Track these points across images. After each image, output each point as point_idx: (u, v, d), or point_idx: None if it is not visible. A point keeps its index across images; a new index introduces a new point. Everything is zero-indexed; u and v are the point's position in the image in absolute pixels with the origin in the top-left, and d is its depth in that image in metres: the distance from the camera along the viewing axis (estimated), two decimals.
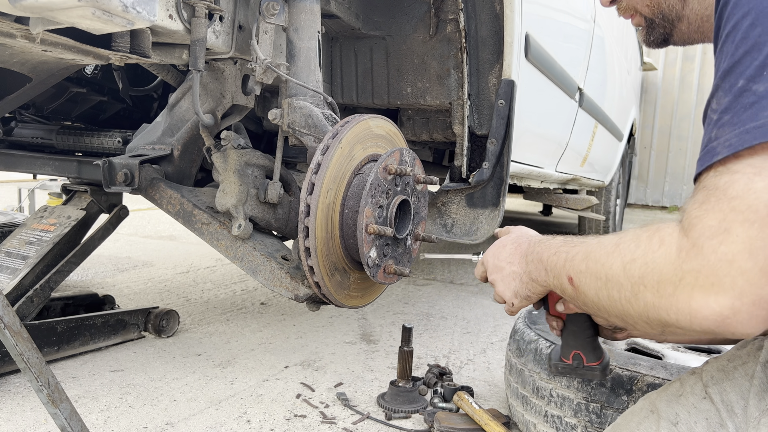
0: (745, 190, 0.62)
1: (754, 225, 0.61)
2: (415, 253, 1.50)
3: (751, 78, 0.65)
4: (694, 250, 0.64)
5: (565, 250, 0.88)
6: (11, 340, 1.23)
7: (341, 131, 1.29)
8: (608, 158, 4.58)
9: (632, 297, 0.72)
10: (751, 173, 0.62)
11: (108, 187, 1.66)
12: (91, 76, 2.37)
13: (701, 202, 0.66)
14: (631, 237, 0.74)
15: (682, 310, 0.66)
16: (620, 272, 0.73)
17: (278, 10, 1.37)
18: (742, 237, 0.61)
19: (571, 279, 0.83)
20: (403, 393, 1.82)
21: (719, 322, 0.63)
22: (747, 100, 0.65)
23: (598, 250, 0.79)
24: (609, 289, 0.76)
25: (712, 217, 0.64)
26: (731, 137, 0.64)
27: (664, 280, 0.67)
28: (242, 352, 2.27)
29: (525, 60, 2.04)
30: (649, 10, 0.98)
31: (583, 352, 1.08)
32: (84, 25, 0.98)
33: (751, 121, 0.63)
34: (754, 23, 0.66)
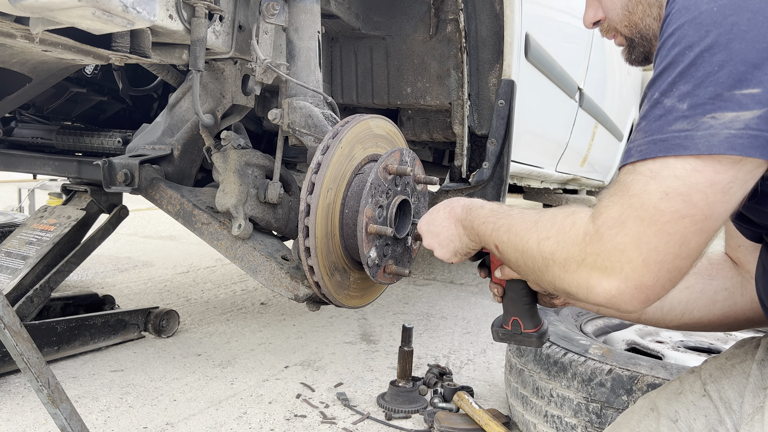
0: (641, 190, 0.71)
1: (644, 222, 0.70)
2: (415, 253, 1.50)
3: (663, 92, 0.73)
4: (597, 236, 0.75)
5: (492, 221, 0.99)
6: (11, 340, 1.23)
7: (341, 131, 1.29)
8: (608, 158, 4.58)
9: (544, 268, 0.83)
10: (649, 176, 0.71)
11: (108, 187, 1.66)
12: (91, 76, 2.37)
13: (611, 195, 0.75)
14: (549, 216, 0.85)
15: (581, 286, 0.77)
16: (535, 247, 0.85)
17: (278, 10, 1.37)
18: (633, 231, 0.71)
19: (497, 246, 0.96)
20: (403, 393, 1.82)
21: (608, 299, 0.74)
22: (657, 111, 0.73)
23: (520, 225, 0.91)
24: (525, 259, 0.88)
25: (614, 209, 0.73)
26: (642, 144, 0.73)
27: (570, 258, 0.78)
28: (242, 352, 2.27)
29: (525, 60, 2.04)
30: (627, 30, 1.03)
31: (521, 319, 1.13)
32: (84, 25, 0.98)
33: (659, 132, 0.72)
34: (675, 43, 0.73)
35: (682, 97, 0.71)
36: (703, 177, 0.68)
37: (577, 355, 1.48)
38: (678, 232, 0.69)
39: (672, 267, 0.71)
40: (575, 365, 1.45)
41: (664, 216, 0.69)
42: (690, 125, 0.69)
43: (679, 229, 0.69)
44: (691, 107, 0.70)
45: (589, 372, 1.42)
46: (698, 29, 0.71)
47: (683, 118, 0.70)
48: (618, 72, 4.13)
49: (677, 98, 0.71)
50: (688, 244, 0.70)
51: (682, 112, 0.70)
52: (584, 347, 1.51)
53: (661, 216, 0.69)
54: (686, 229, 0.69)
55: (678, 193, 0.69)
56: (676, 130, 0.70)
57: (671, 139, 0.70)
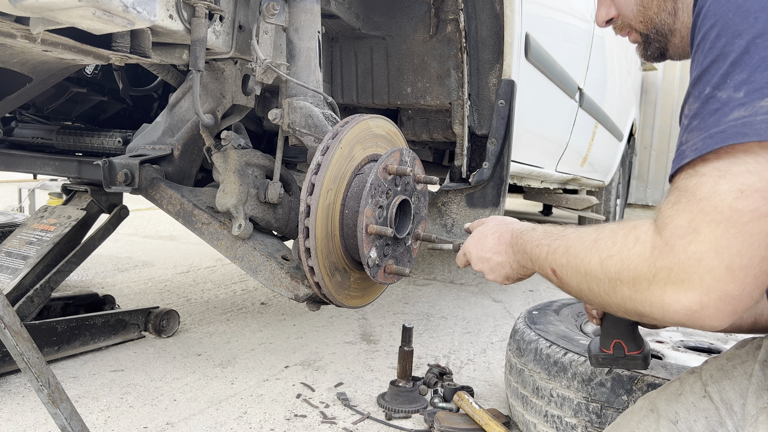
0: (711, 192, 0.66)
1: (720, 225, 0.64)
2: (415, 253, 1.50)
3: (716, 86, 0.69)
4: (667, 249, 0.69)
5: (547, 243, 0.92)
6: (11, 340, 1.23)
7: (341, 131, 1.29)
8: (608, 158, 4.58)
9: (610, 290, 0.76)
10: (716, 176, 0.66)
11: (108, 187, 1.66)
12: (92, 76, 2.37)
13: (673, 203, 0.70)
14: (609, 233, 0.78)
15: (656, 304, 0.70)
16: (598, 268, 0.78)
17: (278, 10, 1.37)
18: (709, 237, 0.65)
19: (554, 271, 0.88)
20: (403, 393, 1.82)
21: (689, 315, 0.68)
22: (712, 106, 0.69)
23: (578, 245, 0.84)
24: (589, 282, 0.80)
25: (682, 217, 0.68)
26: (698, 141, 0.68)
27: (639, 276, 0.72)
28: (242, 352, 2.27)
29: (525, 60, 2.04)
30: (643, 26, 1.02)
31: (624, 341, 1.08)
32: (84, 25, 0.98)
33: (715, 126, 0.67)
34: (719, 34, 0.70)
35: (738, 85, 0.67)
36: None
37: (577, 355, 1.48)
38: (762, 231, 0.64)
39: (759, 272, 0.65)
40: (575, 365, 1.45)
41: (744, 216, 0.64)
42: (748, 111, 0.65)
43: (763, 227, 0.64)
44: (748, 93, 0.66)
45: (589, 372, 1.42)
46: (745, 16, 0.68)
47: (740, 106, 0.66)
48: (618, 72, 4.13)
49: (733, 88, 0.67)
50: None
51: (739, 101, 0.66)
52: (584, 347, 1.51)
53: (741, 216, 0.64)
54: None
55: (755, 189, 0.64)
56: (734, 118, 0.66)
57: (729, 129, 0.66)
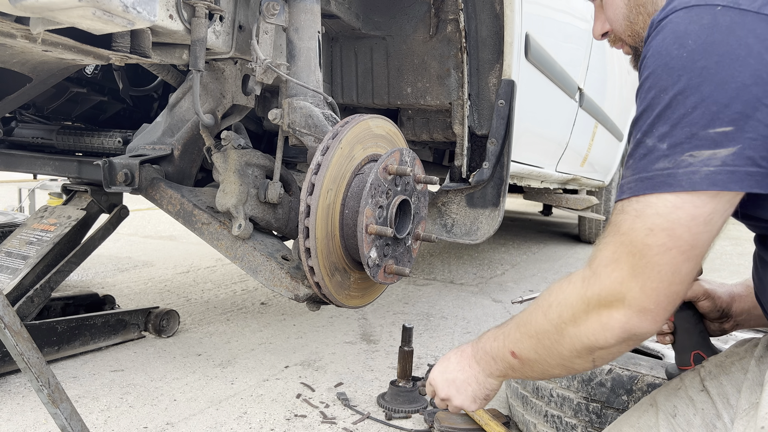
0: (629, 228, 0.77)
1: (635, 256, 0.76)
2: (415, 253, 1.50)
3: (644, 133, 0.78)
4: (594, 277, 0.81)
5: (502, 332, 0.99)
6: (11, 340, 1.23)
7: (341, 131, 1.29)
8: (608, 158, 4.58)
9: (559, 337, 0.85)
10: (634, 215, 0.77)
11: (108, 187, 1.66)
12: (92, 76, 2.37)
13: (604, 236, 0.82)
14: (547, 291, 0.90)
15: (597, 329, 0.81)
16: (544, 321, 0.88)
17: (278, 10, 1.37)
18: (627, 265, 0.77)
19: (513, 353, 0.95)
20: (403, 393, 1.82)
21: (623, 328, 0.79)
22: (641, 151, 0.78)
23: (524, 315, 0.93)
24: (540, 341, 0.89)
25: (608, 249, 0.80)
26: (631, 182, 0.79)
27: (576, 310, 0.83)
28: (242, 352, 2.27)
29: (525, 60, 2.04)
30: (631, 40, 1.07)
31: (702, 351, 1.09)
32: (84, 26, 0.98)
33: (644, 171, 0.77)
34: (650, 86, 0.79)
35: (662, 137, 0.76)
36: (684, 212, 0.74)
37: None
38: (667, 262, 0.75)
39: (669, 292, 0.77)
40: None
41: (652, 249, 0.75)
42: (671, 163, 0.75)
43: (668, 259, 0.75)
44: (671, 146, 0.75)
45: (589, 372, 1.42)
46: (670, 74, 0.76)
47: (664, 157, 0.75)
48: (618, 72, 4.12)
49: (657, 138, 0.76)
50: (680, 271, 0.76)
51: (663, 152, 0.76)
52: None
53: (650, 250, 0.75)
54: (675, 259, 0.75)
55: (662, 228, 0.75)
56: (659, 168, 0.75)
57: (656, 177, 0.76)
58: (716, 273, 4.33)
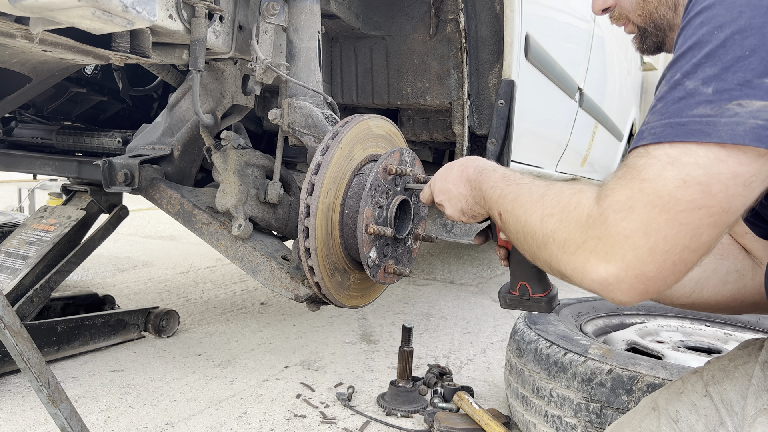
0: (656, 175, 0.66)
1: (655, 209, 0.66)
2: (415, 253, 1.50)
3: (686, 73, 0.68)
4: (600, 220, 0.70)
5: (501, 187, 0.95)
6: (11, 340, 1.23)
7: (341, 131, 1.29)
8: (608, 158, 4.57)
9: (542, 245, 0.79)
10: (666, 162, 0.66)
11: (108, 187, 1.66)
12: (91, 76, 2.37)
13: (619, 177, 0.71)
14: (556, 191, 0.80)
15: (577, 269, 0.73)
16: (537, 222, 0.81)
17: (278, 10, 1.36)
18: (642, 217, 0.66)
19: (500, 214, 0.92)
20: (403, 393, 1.82)
21: (603, 286, 0.70)
22: (677, 93, 0.68)
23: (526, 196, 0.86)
24: (525, 233, 0.84)
25: (622, 193, 0.69)
26: (657, 126, 0.69)
27: (570, 239, 0.74)
28: (242, 352, 2.27)
29: (525, 60, 2.04)
30: (641, 20, 1.00)
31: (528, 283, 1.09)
32: (84, 25, 0.98)
33: (677, 115, 0.67)
34: (703, 22, 0.69)
35: (708, 80, 0.66)
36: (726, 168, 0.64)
37: (577, 355, 1.48)
38: (691, 222, 0.65)
39: (679, 259, 0.67)
40: (575, 365, 1.45)
41: (679, 204, 0.65)
42: (714, 110, 0.65)
43: (693, 219, 0.65)
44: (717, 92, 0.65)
45: (589, 372, 1.42)
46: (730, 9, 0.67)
47: (707, 103, 0.65)
48: (618, 72, 4.12)
49: (701, 81, 0.67)
50: (700, 236, 0.66)
51: (707, 96, 0.66)
52: (584, 347, 1.51)
53: (676, 204, 0.65)
54: (700, 221, 0.65)
55: (698, 182, 0.64)
56: (698, 114, 0.66)
57: (691, 123, 0.66)
58: None
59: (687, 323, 2.00)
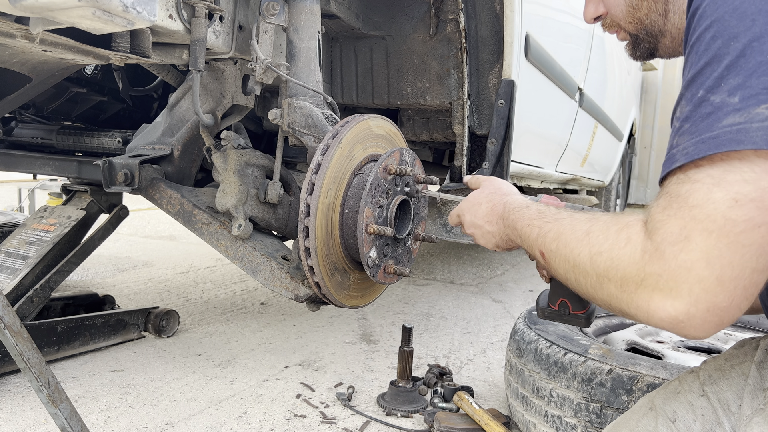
0: (704, 199, 0.64)
1: (712, 235, 0.62)
2: (415, 254, 1.50)
3: (709, 89, 0.67)
4: (657, 254, 0.67)
5: (538, 225, 0.90)
6: (11, 340, 1.23)
7: (341, 131, 1.29)
8: (608, 158, 4.58)
9: (597, 285, 0.75)
10: (711, 184, 0.64)
11: (108, 187, 1.66)
12: (91, 76, 2.37)
13: (664, 207, 0.68)
14: (602, 227, 0.76)
15: (641, 308, 0.69)
16: (587, 262, 0.76)
17: (278, 10, 1.37)
18: (701, 246, 0.63)
19: (543, 254, 0.87)
20: (403, 393, 1.82)
21: (674, 324, 0.66)
22: (704, 110, 0.67)
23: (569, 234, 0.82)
24: (576, 273, 0.79)
25: (674, 223, 0.66)
26: (689, 146, 0.67)
27: (627, 278, 0.70)
28: (242, 352, 2.27)
29: (525, 60, 2.04)
30: (632, 27, 1.00)
31: (569, 300, 1.11)
32: (84, 25, 0.98)
33: (707, 131, 0.65)
34: (715, 36, 0.68)
35: (733, 90, 0.65)
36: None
37: (577, 355, 1.48)
38: (755, 242, 0.62)
39: (749, 283, 0.63)
40: (575, 365, 1.45)
41: (738, 226, 0.62)
42: (743, 117, 0.63)
43: (756, 239, 0.62)
44: (744, 99, 0.63)
45: (589, 372, 1.42)
46: (742, 18, 0.66)
47: (735, 112, 0.64)
48: (618, 72, 4.13)
49: (727, 93, 0.65)
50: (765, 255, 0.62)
51: (734, 106, 0.64)
52: (584, 347, 1.51)
53: (734, 226, 0.62)
54: (763, 239, 0.62)
55: (750, 198, 0.62)
56: (729, 124, 0.64)
57: (723, 134, 0.64)
58: None
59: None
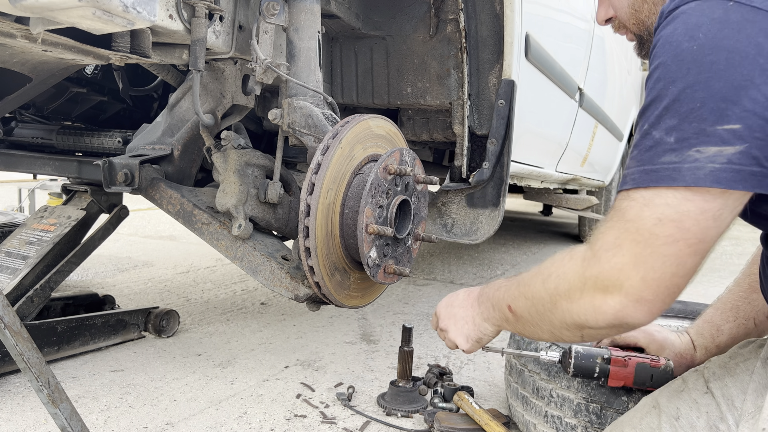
0: (636, 216, 0.77)
1: (640, 244, 0.76)
2: (415, 254, 1.50)
3: (652, 125, 0.78)
4: (594, 259, 0.81)
5: (506, 285, 1.02)
6: (11, 340, 1.23)
7: (341, 131, 1.29)
8: (608, 158, 4.57)
9: (552, 307, 0.87)
10: (642, 204, 0.77)
11: (108, 187, 1.66)
12: (91, 76, 2.37)
13: (607, 220, 0.82)
14: (551, 259, 0.91)
15: (589, 310, 0.82)
16: (541, 288, 0.89)
17: (278, 10, 1.37)
18: (630, 252, 0.77)
19: (510, 306, 0.99)
20: (404, 393, 1.81)
21: (615, 315, 0.79)
22: (648, 142, 0.78)
23: (526, 276, 0.96)
24: (535, 305, 0.91)
25: (611, 234, 0.80)
26: (635, 173, 0.79)
27: (572, 287, 0.83)
28: (242, 352, 2.27)
29: (525, 60, 2.04)
30: (635, 28, 1.08)
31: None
32: (84, 25, 0.98)
33: (649, 163, 0.77)
34: (659, 78, 0.78)
35: (669, 130, 0.76)
36: (694, 205, 0.74)
37: None
38: (673, 254, 0.75)
39: (670, 284, 0.76)
40: None
41: (659, 239, 0.75)
42: (677, 158, 0.74)
43: (674, 251, 0.75)
44: (678, 141, 0.75)
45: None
46: (680, 66, 0.76)
47: (671, 151, 0.75)
48: (618, 72, 4.12)
49: (665, 131, 0.76)
50: (684, 264, 0.75)
51: (670, 145, 0.75)
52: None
53: (656, 239, 0.75)
54: (681, 251, 0.75)
55: (671, 219, 0.74)
56: (665, 162, 0.75)
57: (661, 170, 0.75)
58: (716, 273, 4.33)
59: (687, 323, 1.99)
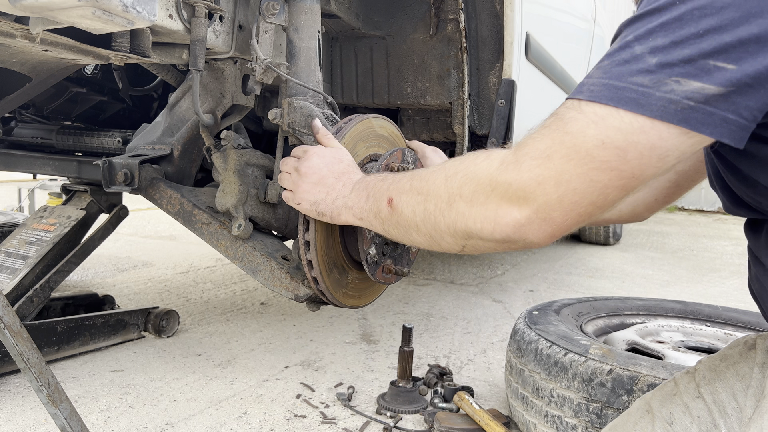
0: (579, 131, 0.68)
1: (572, 161, 0.69)
2: (414, 255, 1.50)
3: (638, 37, 0.68)
4: (514, 165, 0.73)
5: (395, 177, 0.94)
6: (11, 340, 1.23)
7: (344, 128, 1.29)
8: None
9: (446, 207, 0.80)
10: (591, 120, 0.68)
11: (108, 187, 1.66)
12: (91, 76, 2.37)
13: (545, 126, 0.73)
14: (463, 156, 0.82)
15: (489, 218, 0.75)
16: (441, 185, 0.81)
17: (278, 10, 1.36)
18: (557, 167, 0.69)
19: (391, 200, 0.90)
20: (404, 393, 1.81)
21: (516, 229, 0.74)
22: (623, 55, 0.68)
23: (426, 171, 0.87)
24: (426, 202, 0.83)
25: (543, 142, 0.71)
26: (596, 84, 0.69)
27: (478, 190, 0.76)
28: (242, 352, 2.27)
29: (525, 60, 2.04)
30: None
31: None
32: (84, 25, 0.98)
33: (617, 78, 0.67)
34: None
35: (655, 50, 0.66)
36: (646, 139, 0.66)
37: (577, 355, 1.48)
38: (601, 181, 0.69)
39: (584, 212, 0.71)
40: (576, 365, 1.45)
41: (594, 162, 0.68)
42: (651, 82, 0.65)
43: (604, 179, 0.68)
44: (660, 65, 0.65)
45: (590, 372, 1.42)
46: None
47: (647, 73, 0.66)
48: None
49: (649, 49, 0.66)
50: (607, 196, 0.70)
51: (648, 66, 0.66)
52: (585, 347, 1.51)
53: (591, 162, 0.68)
54: (610, 182, 0.68)
55: (616, 146, 0.67)
56: (636, 83, 0.66)
57: (628, 90, 0.66)
58: (716, 273, 4.33)
59: (687, 323, 1.99)
